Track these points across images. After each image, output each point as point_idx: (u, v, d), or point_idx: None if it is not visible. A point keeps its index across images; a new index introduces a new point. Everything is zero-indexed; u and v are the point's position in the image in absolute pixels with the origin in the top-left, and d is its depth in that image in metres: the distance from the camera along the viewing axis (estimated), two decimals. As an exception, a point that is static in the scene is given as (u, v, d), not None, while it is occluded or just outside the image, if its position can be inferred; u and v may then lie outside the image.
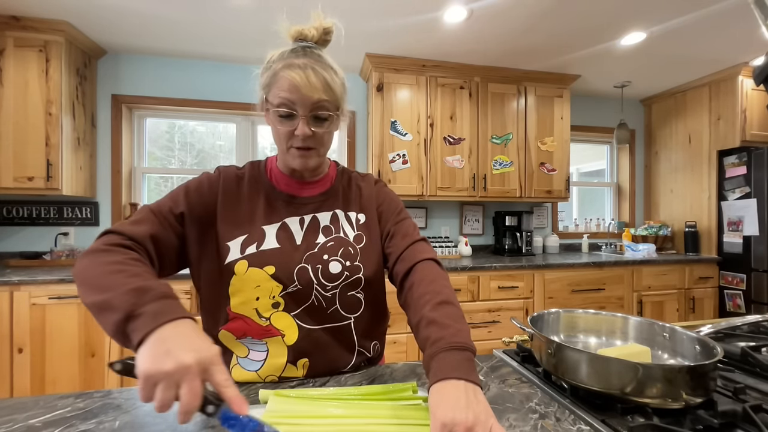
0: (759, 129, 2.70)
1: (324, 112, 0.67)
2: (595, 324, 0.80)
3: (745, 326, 0.93)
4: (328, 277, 0.71)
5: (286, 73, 0.65)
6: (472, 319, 2.30)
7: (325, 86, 0.66)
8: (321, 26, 0.70)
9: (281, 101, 0.66)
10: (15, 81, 2.01)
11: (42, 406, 0.60)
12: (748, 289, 2.60)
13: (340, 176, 0.83)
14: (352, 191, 0.82)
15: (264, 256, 0.69)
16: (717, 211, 2.82)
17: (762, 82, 0.73)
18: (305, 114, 0.66)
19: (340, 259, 0.72)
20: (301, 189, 0.78)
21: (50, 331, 1.83)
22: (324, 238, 0.74)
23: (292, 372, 0.71)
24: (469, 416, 0.44)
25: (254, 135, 2.79)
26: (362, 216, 0.80)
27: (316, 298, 0.71)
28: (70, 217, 2.41)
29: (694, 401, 0.54)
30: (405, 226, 0.78)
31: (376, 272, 0.77)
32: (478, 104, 2.66)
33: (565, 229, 3.33)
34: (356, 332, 0.75)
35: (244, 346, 0.71)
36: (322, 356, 0.72)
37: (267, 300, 0.69)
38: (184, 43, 2.33)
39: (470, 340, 0.56)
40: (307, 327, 0.71)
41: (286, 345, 0.70)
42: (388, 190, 0.85)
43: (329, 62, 0.69)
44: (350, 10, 1.97)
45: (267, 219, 0.73)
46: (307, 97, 0.65)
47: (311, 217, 0.76)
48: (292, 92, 0.65)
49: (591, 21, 2.10)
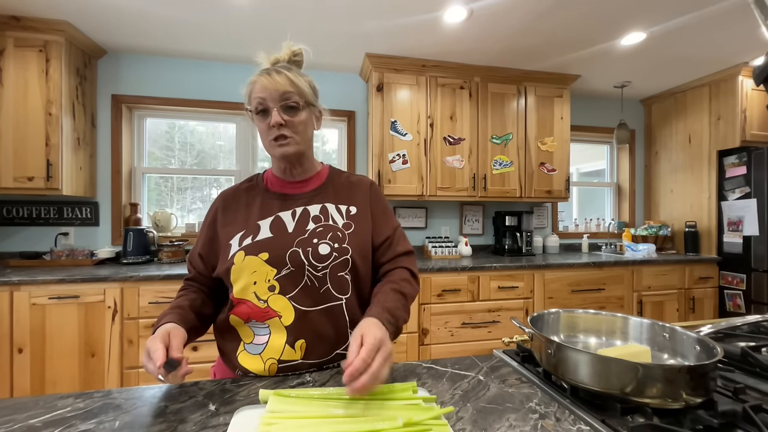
0: (759, 129, 2.70)
1: (292, 101, 0.79)
2: (595, 324, 0.80)
3: (745, 326, 0.93)
4: (318, 257, 0.78)
5: (257, 79, 0.80)
6: (472, 319, 2.30)
7: (289, 81, 0.79)
8: (290, 51, 0.86)
9: (257, 101, 0.79)
10: (15, 81, 2.01)
11: (42, 406, 0.60)
12: (748, 289, 2.60)
13: (332, 175, 0.92)
14: (344, 187, 0.90)
15: (258, 245, 0.78)
16: (717, 211, 2.82)
17: (762, 82, 0.73)
18: (275, 105, 0.78)
19: (329, 242, 0.80)
20: (293, 188, 0.88)
21: (50, 331, 1.83)
22: (314, 224, 0.82)
23: (290, 354, 0.76)
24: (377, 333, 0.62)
25: (254, 135, 2.78)
26: (353, 208, 0.87)
27: (308, 279, 0.78)
28: (70, 217, 2.41)
29: (694, 401, 0.54)
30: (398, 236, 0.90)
31: (363, 257, 0.83)
32: (478, 104, 2.66)
33: (565, 229, 3.33)
34: (348, 313, 0.81)
35: (250, 330, 0.79)
36: (318, 337, 0.77)
37: (263, 284, 0.77)
38: (184, 43, 2.33)
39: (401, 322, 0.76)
40: (302, 308, 0.77)
41: (284, 326, 0.76)
42: (381, 195, 0.94)
43: (295, 70, 0.83)
44: (350, 10, 1.97)
45: (261, 215, 0.83)
46: (275, 91, 0.78)
47: (302, 209, 0.84)
48: (263, 91, 0.78)
49: (591, 21, 2.10)
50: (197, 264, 0.86)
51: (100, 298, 1.88)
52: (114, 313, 1.89)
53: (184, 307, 0.78)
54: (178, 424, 0.55)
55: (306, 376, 0.74)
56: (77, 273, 1.92)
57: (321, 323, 0.77)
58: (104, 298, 1.88)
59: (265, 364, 0.76)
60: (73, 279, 1.84)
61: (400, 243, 0.89)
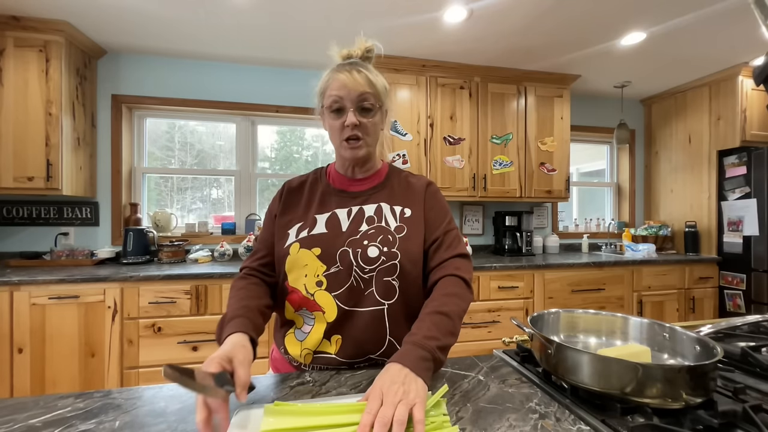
0: (759, 129, 2.70)
1: (368, 103, 0.79)
2: (595, 324, 0.80)
3: (745, 326, 0.93)
4: (366, 260, 0.78)
5: (335, 75, 0.79)
6: (472, 319, 2.30)
7: (368, 81, 0.79)
8: (363, 47, 0.86)
9: (333, 99, 0.78)
10: (15, 81, 2.01)
11: (42, 406, 0.60)
12: (748, 289, 2.60)
13: (390, 174, 0.91)
14: (402, 188, 0.89)
15: (313, 239, 0.80)
16: (717, 211, 2.82)
17: (762, 82, 0.74)
18: (352, 106, 0.78)
19: (378, 245, 0.79)
20: (352, 184, 0.88)
21: (50, 331, 1.83)
22: (367, 226, 0.82)
23: (326, 347, 0.78)
24: (399, 390, 0.54)
25: (254, 135, 2.79)
26: (408, 210, 0.85)
27: (354, 280, 0.78)
28: (70, 217, 2.41)
29: (694, 401, 0.54)
30: (450, 238, 0.84)
31: (413, 262, 0.80)
32: (478, 104, 2.66)
33: (565, 229, 3.33)
34: (389, 320, 0.79)
35: (300, 318, 0.81)
36: (355, 338, 0.77)
37: (312, 278, 0.78)
38: (184, 43, 2.33)
39: (439, 352, 0.65)
40: (345, 308, 0.77)
41: (326, 321, 0.78)
42: (440, 195, 0.90)
43: (371, 68, 0.84)
44: (350, 10, 1.97)
45: (319, 210, 0.84)
46: (353, 91, 0.77)
47: (358, 209, 0.84)
48: (341, 89, 0.78)
49: (591, 21, 2.10)
50: (267, 253, 0.85)
51: (100, 298, 1.88)
52: (114, 313, 1.89)
53: (251, 308, 0.74)
54: (178, 424, 0.55)
55: (306, 375, 0.73)
56: (77, 273, 1.92)
57: (360, 325, 0.77)
58: (104, 298, 1.88)
59: (302, 353, 0.78)
60: (73, 279, 1.84)
61: (451, 246, 0.82)
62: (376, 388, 0.55)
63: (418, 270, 0.81)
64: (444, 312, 0.70)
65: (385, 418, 0.50)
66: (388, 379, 0.56)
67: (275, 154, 2.89)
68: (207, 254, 2.40)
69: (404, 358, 0.61)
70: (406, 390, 0.55)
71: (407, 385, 0.55)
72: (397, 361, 0.61)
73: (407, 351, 0.63)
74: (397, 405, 0.52)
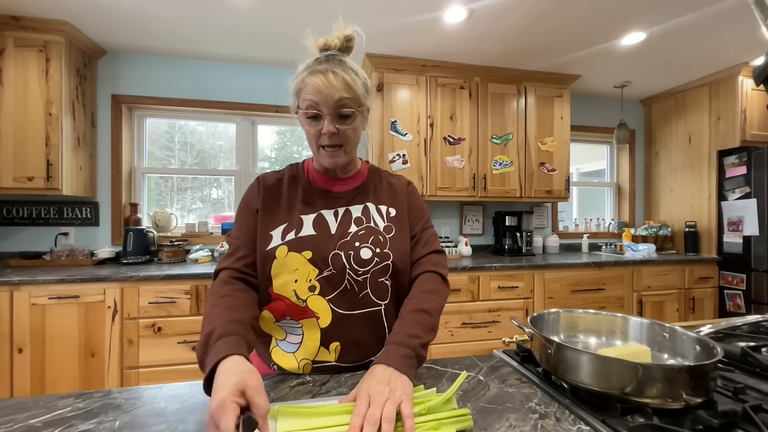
0: (759, 129, 2.70)
1: (346, 109, 0.74)
2: (595, 324, 0.80)
3: (745, 326, 0.93)
4: (360, 262, 0.76)
5: (310, 78, 0.73)
6: (472, 319, 2.30)
7: (346, 86, 0.73)
8: (342, 35, 0.79)
9: (308, 104, 0.73)
10: (15, 81, 2.01)
11: (42, 406, 0.60)
12: (748, 289, 2.60)
13: (371, 174, 0.90)
14: (384, 187, 0.88)
15: (302, 242, 0.76)
16: (717, 211, 2.82)
17: (762, 82, 0.74)
18: (329, 113, 0.73)
19: (371, 246, 0.78)
20: (335, 184, 0.85)
21: (50, 331, 1.83)
22: (356, 227, 0.80)
23: (325, 356, 0.76)
24: (385, 390, 0.55)
25: (254, 135, 2.79)
26: (393, 210, 0.85)
27: (348, 283, 0.76)
28: (70, 217, 2.41)
29: (694, 401, 0.54)
30: (427, 235, 0.86)
31: (403, 261, 0.81)
32: (478, 104, 2.66)
33: (565, 229, 3.33)
34: (386, 320, 0.80)
35: (281, 330, 0.78)
36: (353, 342, 0.76)
37: (304, 283, 0.75)
38: (184, 43, 2.33)
39: (422, 349, 0.67)
40: (340, 311, 0.76)
41: (320, 328, 0.75)
42: (418, 195, 0.92)
43: (350, 65, 0.77)
44: (350, 10, 1.97)
45: (304, 210, 0.80)
46: (330, 97, 0.72)
47: (344, 209, 0.82)
48: (316, 95, 0.72)
49: (591, 21, 2.10)
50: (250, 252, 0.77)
51: (100, 298, 1.88)
52: (114, 313, 1.89)
53: (244, 323, 0.65)
54: (178, 424, 0.55)
55: (306, 376, 0.74)
56: (77, 273, 1.92)
57: (358, 328, 0.77)
58: (104, 298, 1.88)
59: (299, 363, 0.76)
60: (73, 279, 1.84)
61: (428, 242, 0.84)
62: (363, 390, 0.56)
63: (408, 269, 0.83)
64: (424, 309, 0.73)
65: (373, 419, 0.51)
66: (374, 380, 0.58)
67: (275, 154, 2.90)
68: (207, 254, 2.40)
69: (389, 359, 0.63)
70: (393, 389, 0.56)
71: (393, 384, 0.57)
72: (382, 362, 0.62)
73: (391, 351, 0.65)
74: (384, 404, 0.53)
